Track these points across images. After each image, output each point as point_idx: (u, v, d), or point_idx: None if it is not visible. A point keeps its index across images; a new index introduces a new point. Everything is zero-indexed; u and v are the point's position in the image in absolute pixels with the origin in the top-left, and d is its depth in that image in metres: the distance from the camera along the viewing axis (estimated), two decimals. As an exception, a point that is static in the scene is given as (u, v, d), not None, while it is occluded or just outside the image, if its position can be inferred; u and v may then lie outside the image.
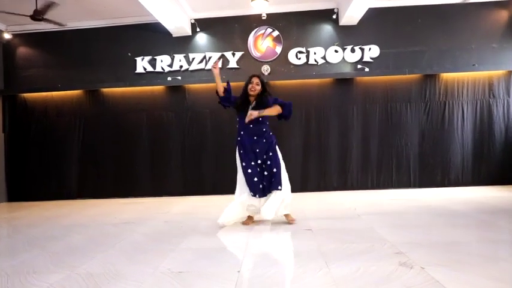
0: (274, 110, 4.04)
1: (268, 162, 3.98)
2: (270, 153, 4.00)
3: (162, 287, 2.36)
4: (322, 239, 3.40)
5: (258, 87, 4.05)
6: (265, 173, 3.99)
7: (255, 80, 4.06)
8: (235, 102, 4.14)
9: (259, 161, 4.01)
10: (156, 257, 3.04)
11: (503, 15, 6.74)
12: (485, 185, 6.56)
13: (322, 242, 3.27)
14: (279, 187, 3.89)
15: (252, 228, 4.00)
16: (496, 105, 6.68)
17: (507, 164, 6.61)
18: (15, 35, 7.22)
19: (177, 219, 4.73)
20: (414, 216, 4.30)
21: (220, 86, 4.13)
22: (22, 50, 7.31)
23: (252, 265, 2.78)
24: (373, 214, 4.50)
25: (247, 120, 3.94)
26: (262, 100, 4.04)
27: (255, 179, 3.93)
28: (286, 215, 4.14)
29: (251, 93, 4.05)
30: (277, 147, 4.11)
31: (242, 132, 4.05)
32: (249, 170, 3.95)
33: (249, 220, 4.18)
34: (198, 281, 2.45)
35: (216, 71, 4.09)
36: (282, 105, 4.09)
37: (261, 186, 3.95)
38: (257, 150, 3.99)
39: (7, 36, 7.09)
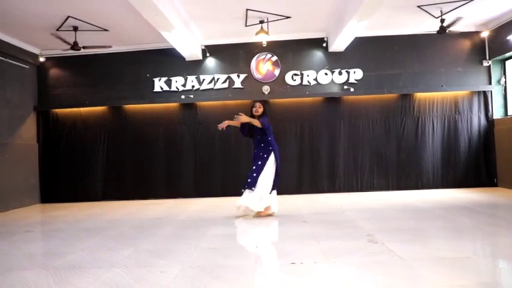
0: (256, 122, 5.25)
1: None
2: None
3: (205, 258, 3.47)
4: (314, 227, 4.55)
5: (260, 110, 5.39)
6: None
7: (258, 104, 5.47)
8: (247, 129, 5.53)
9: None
10: (193, 239, 4.16)
11: (466, 44, 7.98)
12: (452, 188, 7.77)
13: (314, 229, 4.42)
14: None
15: (261, 221, 5.13)
16: (461, 121, 7.91)
17: (470, 170, 7.84)
18: (47, 58, 8.30)
19: (197, 214, 5.85)
20: (387, 212, 5.47)
21: (237, 122, 5.40)
22: (54, 71, 8.40)
23: (265, 243, 3.91)
24: (355, 210, 5.66)
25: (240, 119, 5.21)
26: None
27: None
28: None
29: (255, 114, 5.39)
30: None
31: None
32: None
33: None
34: (229, 253, 3.57)
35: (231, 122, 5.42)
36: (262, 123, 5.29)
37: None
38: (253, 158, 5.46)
39: (41, 59, 8.16)
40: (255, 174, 5.22)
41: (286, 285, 2.65)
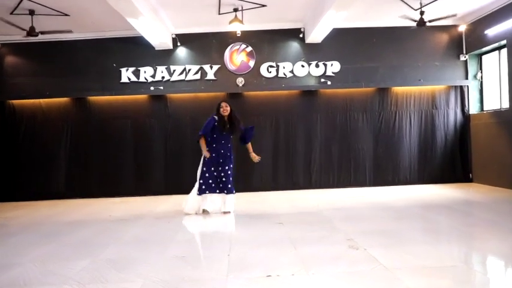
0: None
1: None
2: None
3: (171, 269, 3.12)
4: (291, 229, 4.27)
5: (228, 109, 5.31)
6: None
7: (224, 104, 5.37)
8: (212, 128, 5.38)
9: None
10: (159, 246, 3.80)
11: (444, 37, 7.86)
12: (428, 183, 7.66)
13: (291, 232, 4.14)
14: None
15: (233, 221, 4.82)
16: (438, 116, 7.81)
17: (446, 166, 7.78)
18: (3, 45, 7.63)
19: (166, 215, 5.47)
20: (364, 211, 5.27)
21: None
22: (10, 59, 7.74)
23: (237, 250, 3.60)
24: (332, 210, 5.43)
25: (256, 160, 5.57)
26: (233, 122, 5.37)
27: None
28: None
29: (224, 114, 5.32)
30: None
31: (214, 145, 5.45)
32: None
33: None
34: (198, 263, 3.25)
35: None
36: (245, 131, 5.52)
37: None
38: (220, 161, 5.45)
39: (-5, 45, 7.50)
40: (231, 178, 5.39)
41: (260, 305, 2.35)
